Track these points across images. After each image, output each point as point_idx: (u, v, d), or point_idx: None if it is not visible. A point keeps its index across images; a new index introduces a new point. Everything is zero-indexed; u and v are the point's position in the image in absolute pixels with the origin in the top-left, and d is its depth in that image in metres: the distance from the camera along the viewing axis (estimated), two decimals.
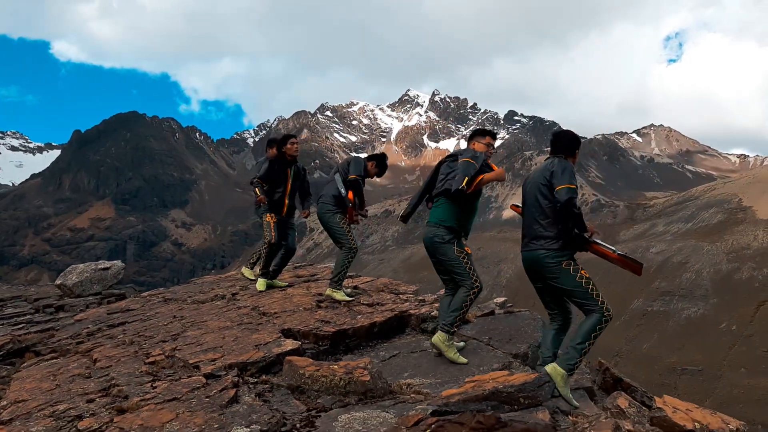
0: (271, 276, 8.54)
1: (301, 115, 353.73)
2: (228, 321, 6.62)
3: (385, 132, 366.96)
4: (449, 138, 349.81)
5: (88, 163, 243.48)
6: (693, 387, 67.29)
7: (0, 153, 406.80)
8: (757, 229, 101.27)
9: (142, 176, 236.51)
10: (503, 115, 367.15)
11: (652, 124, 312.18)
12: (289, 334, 6.04)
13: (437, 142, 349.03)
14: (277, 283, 8.62)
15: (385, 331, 6.50)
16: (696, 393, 62.67)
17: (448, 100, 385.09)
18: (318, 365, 4.76)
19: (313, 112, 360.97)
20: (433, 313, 6.68)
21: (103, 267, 10.78)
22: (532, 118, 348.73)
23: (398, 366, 5.55)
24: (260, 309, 7.08)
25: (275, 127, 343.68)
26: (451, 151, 5.95)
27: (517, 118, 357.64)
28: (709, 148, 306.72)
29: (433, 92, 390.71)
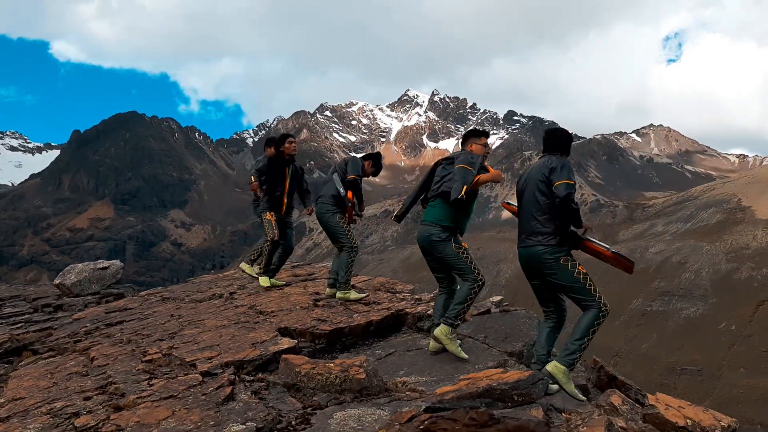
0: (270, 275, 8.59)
1: (300, 115, 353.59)
2: (225, 320, 6.65)
3: (384, 132, 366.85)
4: (449, 138, 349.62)
5: (88, 163, 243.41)
6: (692, 387, 67.30)
7: None
8: (756, 229, 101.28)
9: (141, 176, 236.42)
10: (503, 115, 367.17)
11: (652, 124, 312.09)
12: (285, 332, 6.07)
13: (436, 142, 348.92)
14: (275, 282, 8.65)
15: (382, 329, 6.54)
16: (695, 393, 62.67)
17: (448, 100, 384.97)
18: (314, 363, 4.79)
19: (312, 112, 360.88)
20: (429, 312, 6.70)
21: (101, 267, 10.81)
22: (532, 118, 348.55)
23: (394, 364, 5.57)
24: (257, 308, 7.12)
25: (275, 127, 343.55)
26: (450, 152, 5.97)
27: (516, 118, 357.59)
28: (709, 148, 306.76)
29: (433, 92, 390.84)
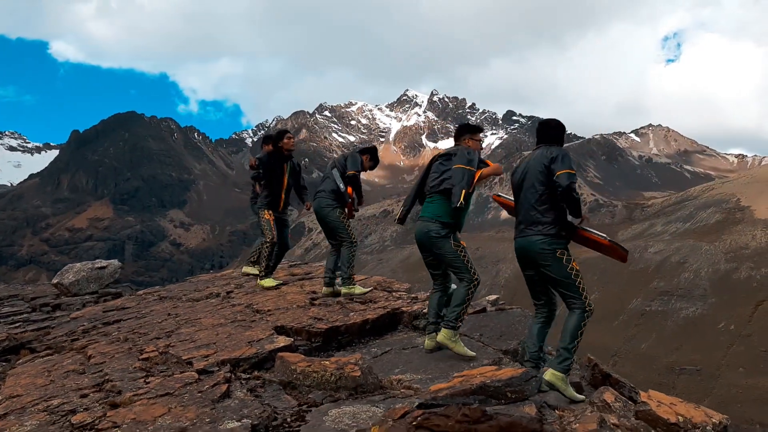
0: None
1: (299, 115, 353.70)
2: (222, 318, 6.68)
3: (383, 132, 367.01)
4: (448, 138, 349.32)
5: (87, 163, 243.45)
6: (691, 387, 67.38)
7: None
8: (755, 228, 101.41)
9: (140, 176, 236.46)
10: (501, 114, 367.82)
11: (651, 124, 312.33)
12: (282, 331, 6.11)
13: (436, 142, 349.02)
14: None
15: (378, 328, 6.57)
16: (694, 392, 62.73)
17: (447, 100, 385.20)
18: (309, 361, 4.82)
19: (311, 112, 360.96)
20: (424, 311, 6.72)
21: (99, 266, 10.84)
22: (531, 118, 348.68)
23: (389, 362, 5.61)
24: (254, 306, 7.15)
25: (274, 127, 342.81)
26: (445, 150, 5.95)
27: (515, 118, 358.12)
28: (708, 148, 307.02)
29: (432, 92, 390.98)
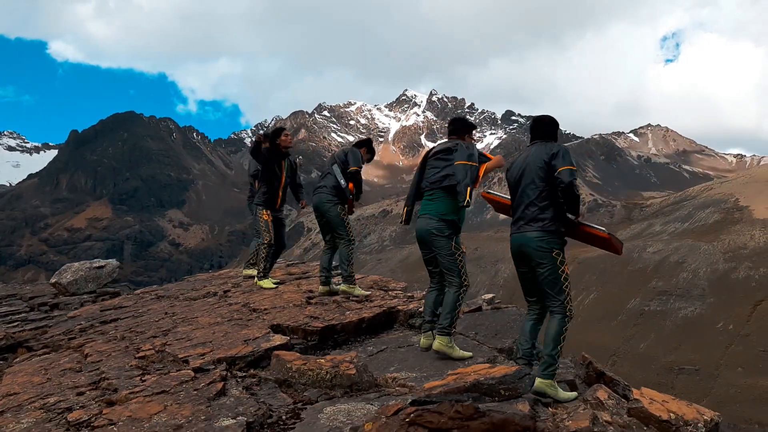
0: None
1: (298, 114, 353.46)
2: (218, 317, 6.70)
3: (382, 132, 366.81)
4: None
5: (86, 163, 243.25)
6: (690, 386, 67.32)
7: None
8: (754, 228, 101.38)
9: (139, 176, 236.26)
10: (500, 114, 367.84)
11: (649, 124, 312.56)
12: (278, 329, 6.13)
13: (435, 141, 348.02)
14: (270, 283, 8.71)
15: (374, 326, 6.60)
16: (693, 392, 62.69)
17: (446, 100, 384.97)
18: (305, 359, 4.85)
19: (310, 112, 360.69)
20: (420, 309, 6.75)
21: (97, 266, 10.84)
22: (530, 118, 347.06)
23: (385, 360, 5.64)
24: (251, 305, 7.17)
25: (273, 127, 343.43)
26: (442, 145, 5.91)
27: (514, 118, 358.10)
28: (706, 147, 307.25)
29: (431, 92, 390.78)
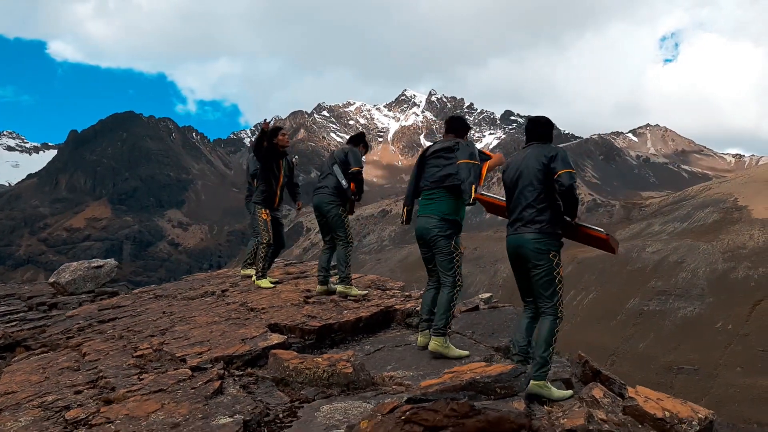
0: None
1: (297, 114, 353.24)
2: (216, 316, 6.72)
3: (381, 132, 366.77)
4: None
5: (85, 163, 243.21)
6: (689, 386, 67.32)
7: None
8: (753, 228, 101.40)
9: (138, 176, 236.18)
10: (500, 114, 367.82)
11: (648, 124, 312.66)
12: (275, 328, 6.15)
13: (433, 142, 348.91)
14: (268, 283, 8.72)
15: (371, 325, 6.62)
16: (692, 392, 62.68)
17: (445, 100, 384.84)
18: (302, 358, 4.87)
19: (309, 112, 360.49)
20: (417, 308, 6.76)
21: (96, 265, 10.85)
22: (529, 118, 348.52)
23: (382, 359, 5.65)
24: (248, 305, 7.19)
25: (272, 127, 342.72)
26: (441, 143, 5.90)
27: (513, 118, 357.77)
28: (705, 147, 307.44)
29: (430, 92, 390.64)
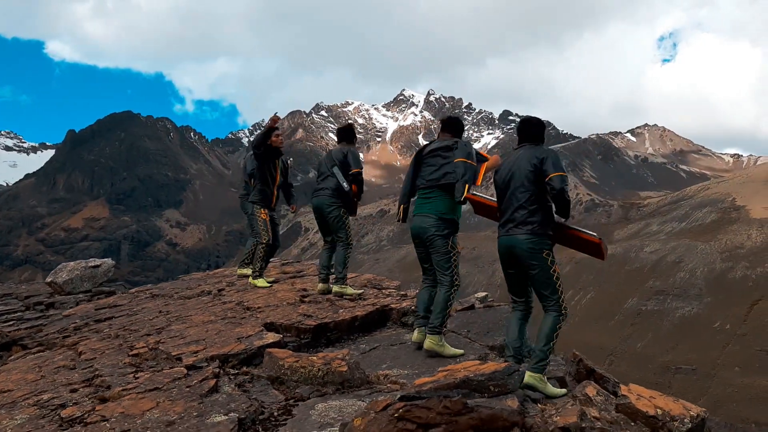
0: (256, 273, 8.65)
1: (296, 114, 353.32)
2: (212, 315, 6.73)
3: (380, 132, 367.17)
4: None
5: (83, 163, 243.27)
6: (687, 386, 67.45)
7: None
8: (751, 228, 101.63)
9: (136, 176, 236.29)
10: (498, 114, 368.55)
11: (646, 124, 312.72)
12: (271, 327, 6.17)
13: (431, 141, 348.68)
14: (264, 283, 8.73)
15: (367, 324, 6.64)
16: (690, 392, 62.80)
17: (443, 99, 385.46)
18: (297, 356, 4.89)
19: (308, 112, 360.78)
20: (413, 307, 6.78)
21: (93, 265, 10.85)
22: None
23: (377, 358, 5.67)
24: (244, 304, 7.20)
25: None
26: (440, 142, 5.91)
27: (512, 118, 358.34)
28: (703, 147, 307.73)
29: (428, 92, 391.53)
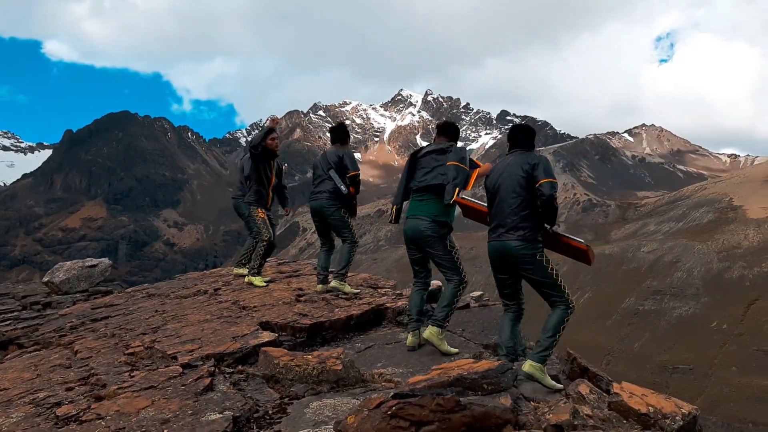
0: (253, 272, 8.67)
1: (293, 114, 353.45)
2: (208, 314, 6.74)
3: (378, 132, 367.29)
4: None
5: (80, 163, 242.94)
6: (684, 386, 67.61)
7: None
8: (748, 228, 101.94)
9: (134, 176, 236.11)
10: (496, 114, 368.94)
11: (644, 124, 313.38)
12: (266, 326, 6.18)
13: (430, 141, 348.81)
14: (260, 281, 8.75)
15: (362, 323, 6.66)
16: (687, 391, 62.96)
17: (441, 99, 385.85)
18: (292, 355, 4.91)
19: (305, 112, 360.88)
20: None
21: (90, 264, 10.86)
22: (525, 117, 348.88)
23: (372, 357, 5.70)
24: (240, 303, 7.22)
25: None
26: (435, 146, 5.98)
27: (509, 118, 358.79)
28: (700, 147, 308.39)
29: (426, 92, 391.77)
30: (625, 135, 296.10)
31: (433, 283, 6.93)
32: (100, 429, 3.78)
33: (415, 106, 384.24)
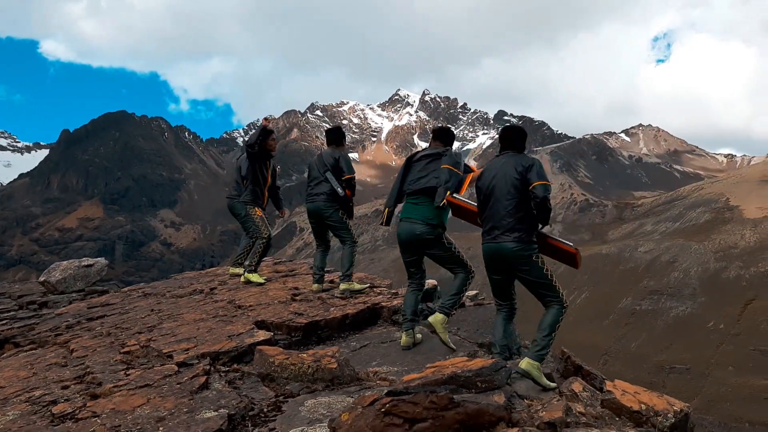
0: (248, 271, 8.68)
1: (291, 114, 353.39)
2: (204, 314, 6.76)
3: (375, 132, 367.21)
4: None
5: (77, 163, 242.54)
6: (681, 385, 67.70)
7: None
8: (744, 228, 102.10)
9: (130, 176, 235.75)
10: (493, 114, 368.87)
11: (641, 124, 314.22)
12: (262, 325, 6.20)
13: (427, 141, 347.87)
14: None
15: (358, 322, 6.68)
16: (684, 391, 63.02)
17: (438, 99, 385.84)
18: (287, 354, 4.93)
19: (303, 112, 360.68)
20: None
21: (86, 264, 10.86)
22: (522, 118, 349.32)
23: (367, 355, 5.72)
24: (236, 302, 7.23)
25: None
26: (430, 150, 6.02)
27: (507, 118, 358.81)
28: (697, 147, 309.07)
29: (424, 92, 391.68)
30: (622, 135, 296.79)
31: (428, 283, 6.97)
32: (96, 427, 3.80)
33: (412, 106, 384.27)
